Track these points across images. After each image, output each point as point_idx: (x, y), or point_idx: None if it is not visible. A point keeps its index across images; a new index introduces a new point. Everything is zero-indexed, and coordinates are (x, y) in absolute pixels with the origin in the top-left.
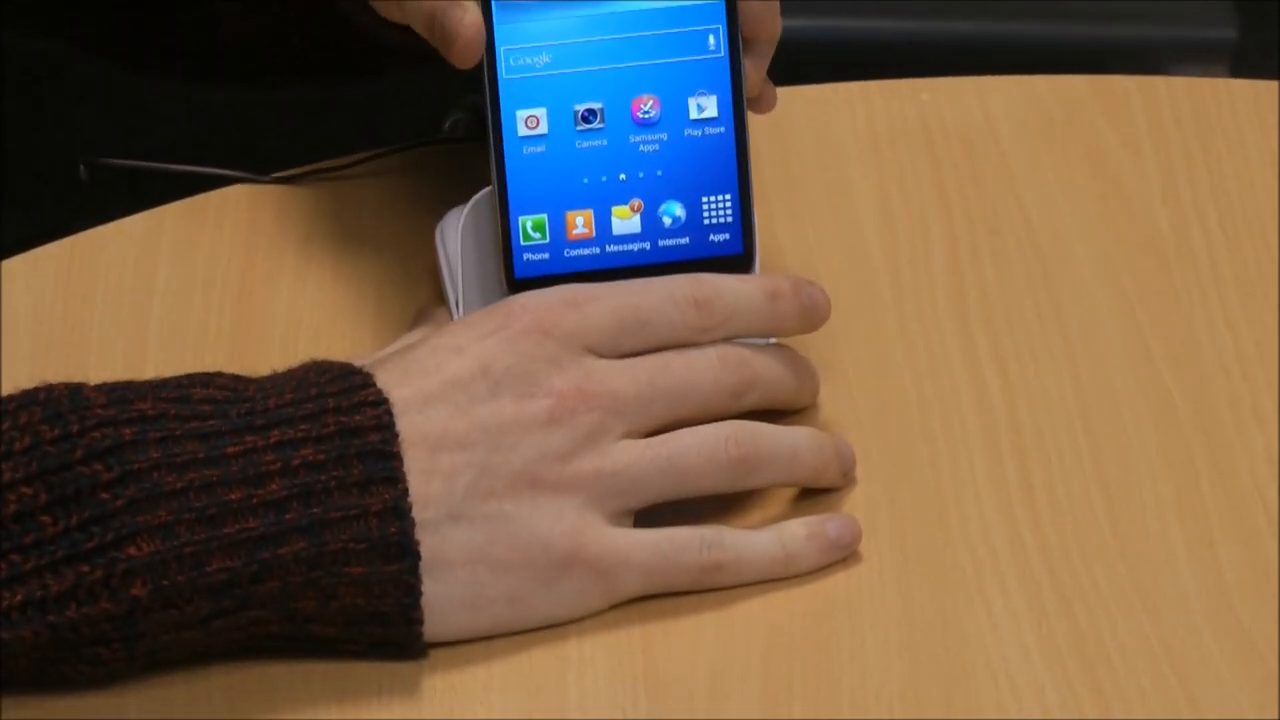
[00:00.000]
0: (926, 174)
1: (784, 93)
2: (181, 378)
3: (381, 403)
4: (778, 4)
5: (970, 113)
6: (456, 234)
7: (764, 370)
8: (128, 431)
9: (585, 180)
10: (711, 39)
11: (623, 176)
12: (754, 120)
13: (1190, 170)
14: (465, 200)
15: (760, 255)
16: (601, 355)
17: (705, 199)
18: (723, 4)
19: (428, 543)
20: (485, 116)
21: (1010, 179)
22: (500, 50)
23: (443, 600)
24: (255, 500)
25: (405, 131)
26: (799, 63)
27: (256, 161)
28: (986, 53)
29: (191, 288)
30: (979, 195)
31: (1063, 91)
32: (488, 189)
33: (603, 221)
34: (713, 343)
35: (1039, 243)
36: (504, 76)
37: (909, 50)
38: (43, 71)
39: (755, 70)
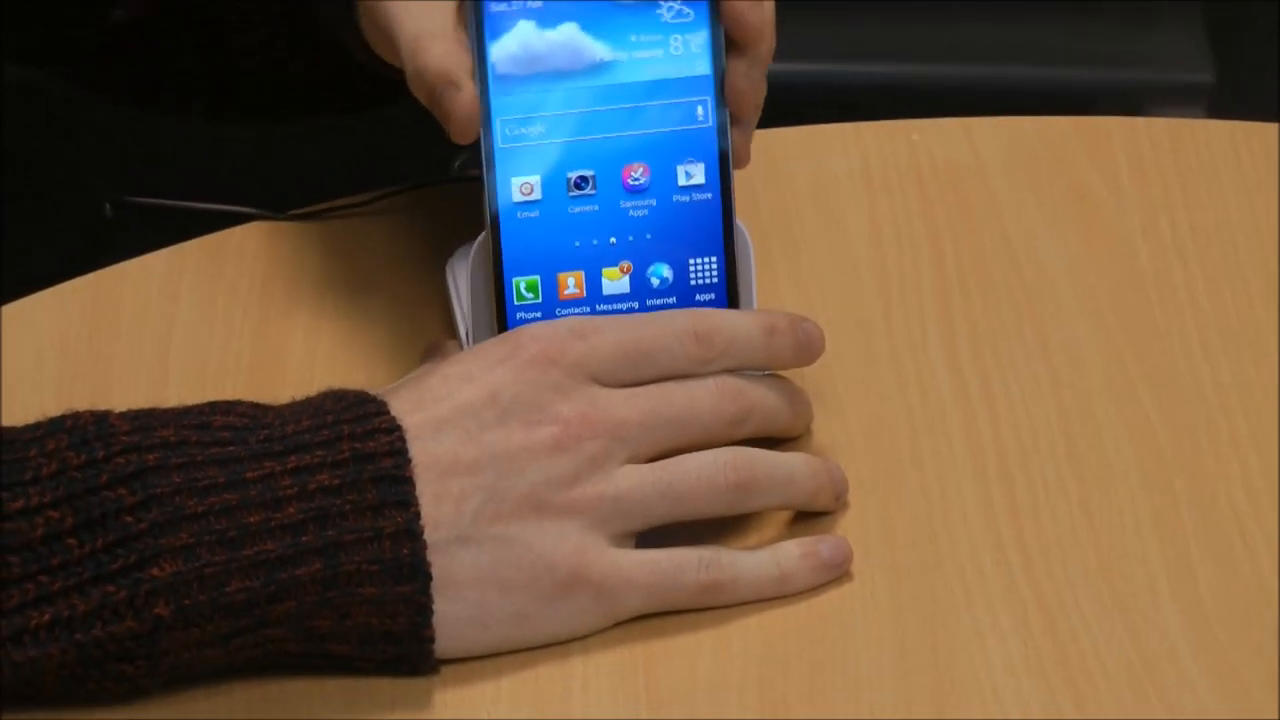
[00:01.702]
0: (917, 210)
1: (781, 133)
2: (203, 406)
3: (395, 429)
4: (763, 82)
5: (959, 152)
6: (465, 270)
7: (760, 400)
8: (151, 457)
9: (577, 243)
10: (700, 110)
11: (613, 240)
12: (752, 159)
13: (1169, 207)
14: (474, 237)
15: (757, 288)
16: (605, 384)
17: (692, 261)
18: (711, 77)
19: (438, 564)
20: (481, 182)
21: (997, 215)
22: (496, 121)
23: (453, 619)
24: (273, 523)
25: (417, 168)
26: (796, 104)
27: (273, 198)
28: (974, 95)
29: (211, 320)
30: (967, 231)
31: (1047, 132)
32: None
33: (593, 283)
34: (712, 374)
35: (1025, 276)
36: (499, 145)
37: (900, 93)
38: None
39: (742, 139)
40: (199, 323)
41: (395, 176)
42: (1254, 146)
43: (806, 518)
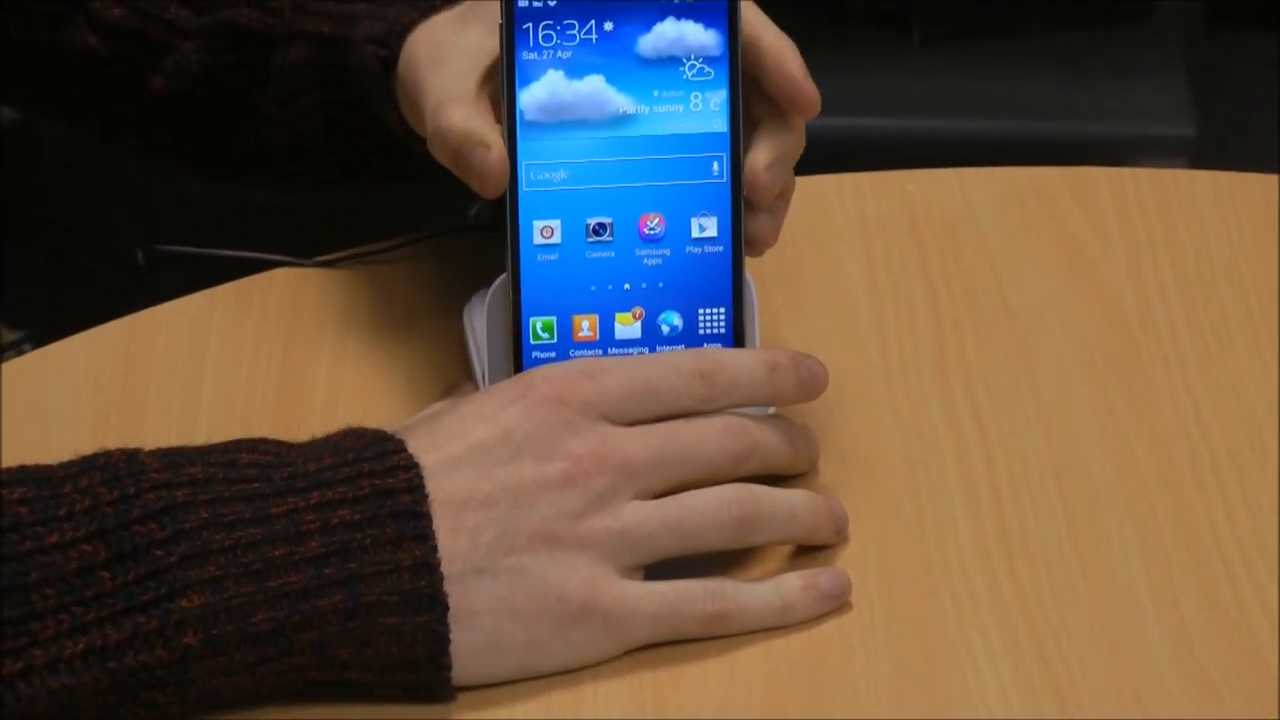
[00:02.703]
0: (912, 257)
1: None
2: (229, 444)
3: (412, 466)
4: (791, 170)
5: (952, 201)
6: (482, 314)
7: (764, 439)
8: (180, 494)
9: (593, 288)
10: (715, 165)
11: (627, 286)
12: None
13: (1154, 253)
14: (489, 283)
15: (760, 330)
16: (615, 423)
17: (701, 311)
18: (727, 135)
19: (455, 594)
20: (505, 223)
21: (989, 261)
22: (522, 165)
23: (469, 647)
24: (297, 556)
25: (436, 217)
26: None
27: (299, 245)
28: (967, 147)
29: (239, 362)
30: (960, 276)
31: (1038, 181)
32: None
33: (606, 326)
34: (718, 411)
35: (1015, 318)
36: (523, 189)
37: (896, 145)
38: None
39: (772, 224)
40: (228, 364)
41: (415, 225)
42: (1234, 195)
43: (808, 550)
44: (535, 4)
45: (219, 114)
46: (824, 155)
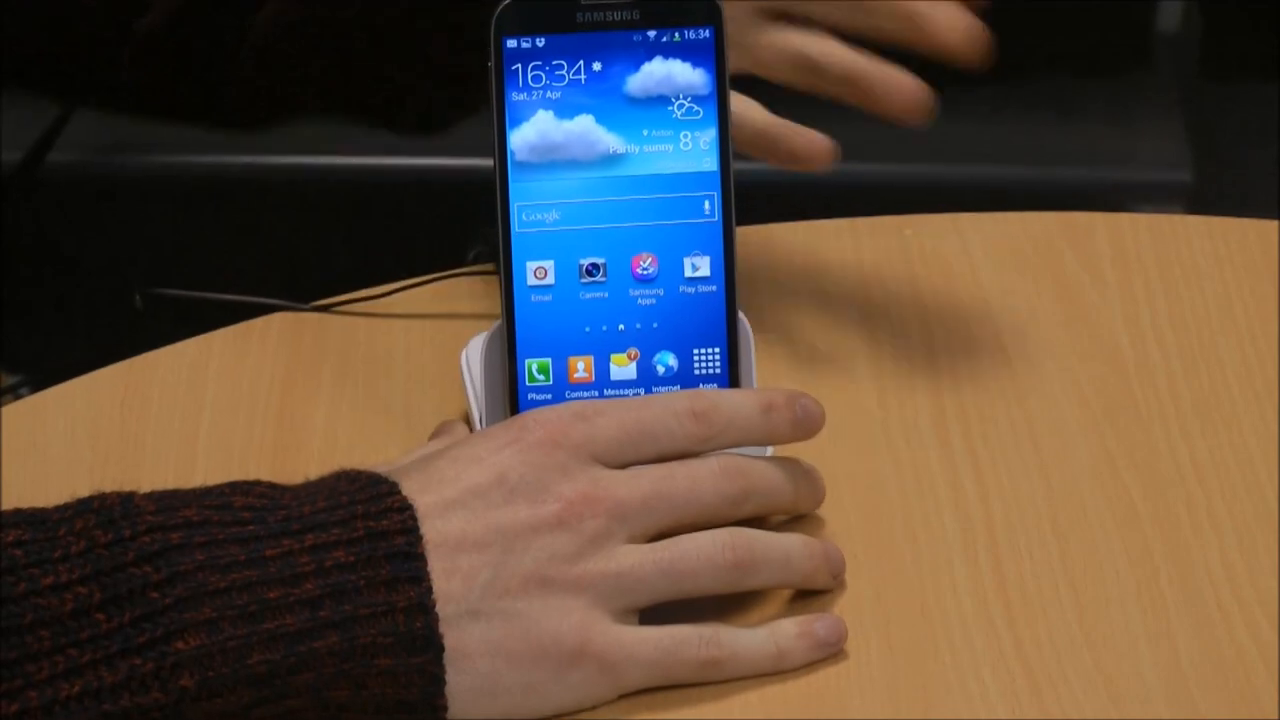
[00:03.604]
0: (909, 301)
1: (780, 228)
2: (224, 486)
3: (407, 508)
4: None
5: (949, 246)
6: (479, 357)
7: (762, 481)
8: (175, 536)
9: (587, 329)
10: (707, 204)
11: (621, 327)
12: (755, 251)
13: (1150, 298)
14: (486, 328)
15: (757, 376)
16: (609, 465)
17: (696, 351)
18: (718, 173)
19: (450, 636)
20: (499, 266)
21: (986, 306)
22: (514, 206)
23: (464, 689)
24: (292, 598)
25: (432, 261)
26: (794, 200)
27: (296, 290)
28: (964, 193)
29: (237, 406)
30: (957, 321)
31: (1034, 227)
32: None
33: (602, 367)
34: (715, 451)
35: (1012, 363)
36: (516, 230)
37: (894, 190)
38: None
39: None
40: (226, 407)
41: (413, 267)
42: (1230, 241)
43: (806, 593)
44: (524, 45)
45: (205, 37)
46: (821, 199)
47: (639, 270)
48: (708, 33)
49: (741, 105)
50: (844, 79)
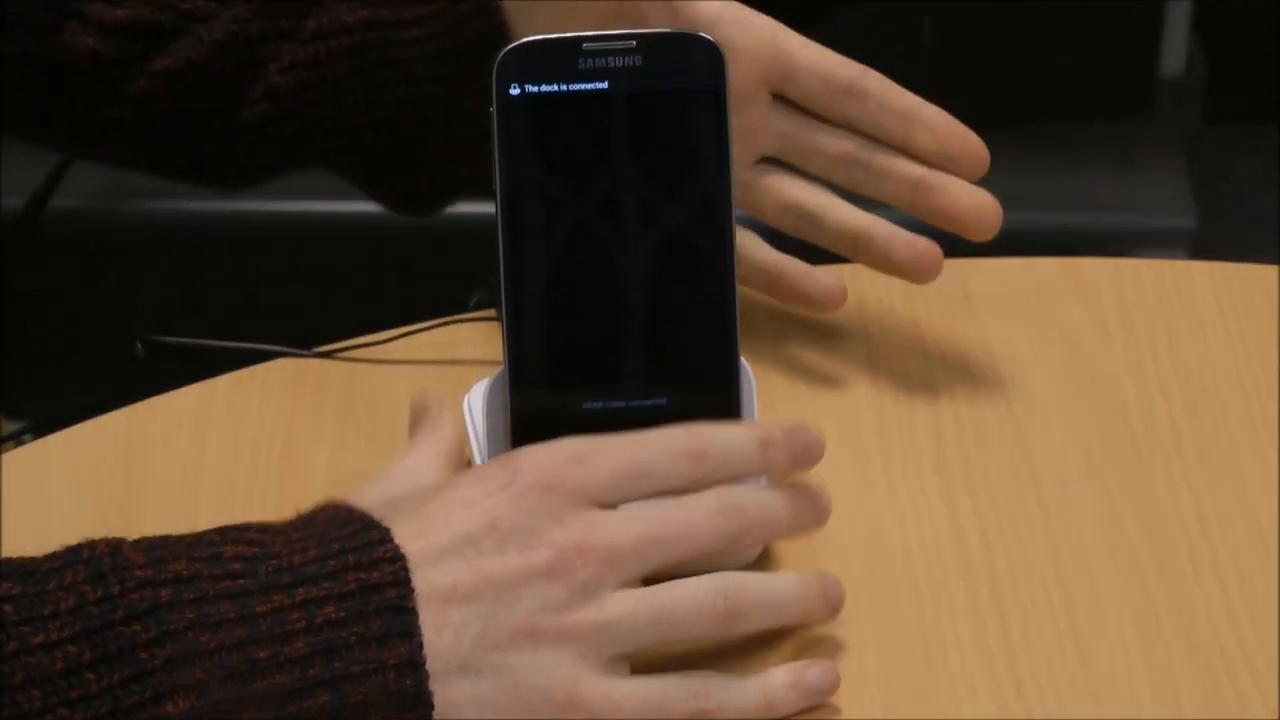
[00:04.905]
0: (912, 348)
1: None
2: (213, 533)
3: (398, 559)
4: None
5: (952, 292)
6: (481, 404)
7: (760, 515)
8: (164, 592)
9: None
10: (709, 249)
11: (622, 368)
12: (753, 294)
13: (1153, 345)
14: (489, 373)
15: (759, 416)
16: (604, 505)
17: (697, 390)
18: (720, 220)
19: (439, 692)
20: (500, 312)
21: (989, 352)
22: (516, 254)
23: None
24: (282, 657)
25: (434, 307)
26: (797, 242)
27: (297, 337)
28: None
29: (239, 453)
30: (960, 367)
31: (1036, 273)
32: None
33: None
34: (713, 485)
35: (1015, 410)
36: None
37: None
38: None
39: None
40: (228, 454)
41: (415, 313)
42: (1234, 287)
43: (805, 630)
44: (529, 91)
45: (216, 99)
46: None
47: (640, 312)
48: (710, 80)
49: (743, 239)
50: (847, 236)
